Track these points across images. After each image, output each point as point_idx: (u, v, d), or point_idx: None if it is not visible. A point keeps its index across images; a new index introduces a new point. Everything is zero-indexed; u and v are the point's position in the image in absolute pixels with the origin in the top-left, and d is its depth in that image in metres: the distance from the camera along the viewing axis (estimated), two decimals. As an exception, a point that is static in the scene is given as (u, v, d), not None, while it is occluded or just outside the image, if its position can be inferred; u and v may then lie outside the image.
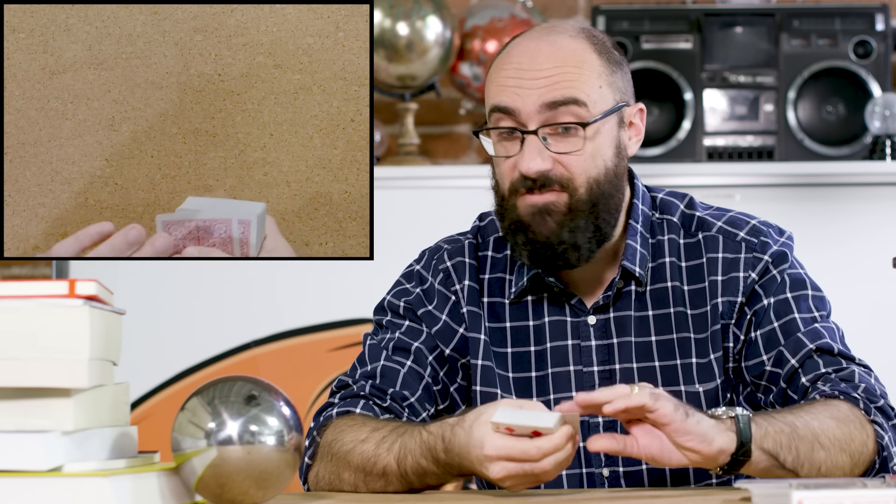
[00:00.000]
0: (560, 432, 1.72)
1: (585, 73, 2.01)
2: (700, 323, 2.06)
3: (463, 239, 2.17)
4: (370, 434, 1.94)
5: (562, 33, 2.04)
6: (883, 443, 1.90)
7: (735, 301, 2.05)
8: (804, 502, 1.48)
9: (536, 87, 2.00)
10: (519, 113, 2.00)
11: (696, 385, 2.04)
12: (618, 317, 2.08)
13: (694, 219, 2.11)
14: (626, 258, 2.06)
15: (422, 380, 2.08)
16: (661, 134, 3.53)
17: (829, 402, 1.90)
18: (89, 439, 1.61)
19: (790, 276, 2.07)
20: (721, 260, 2.07)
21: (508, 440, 1.74)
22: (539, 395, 2.08)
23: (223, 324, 3.39)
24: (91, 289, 1.60)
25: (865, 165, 3.42)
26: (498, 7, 3.68)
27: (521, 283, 2.10)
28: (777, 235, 2.10)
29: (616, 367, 2.06)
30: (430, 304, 2.12)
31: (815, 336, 2.02)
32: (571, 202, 2.00)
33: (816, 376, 1.98)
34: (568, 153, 1.99)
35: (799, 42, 3.54)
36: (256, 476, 1.61)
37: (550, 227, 2.00)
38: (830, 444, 1.84)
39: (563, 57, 2.01)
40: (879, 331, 3.33)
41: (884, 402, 1.94)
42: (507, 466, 1.74)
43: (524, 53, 2.02)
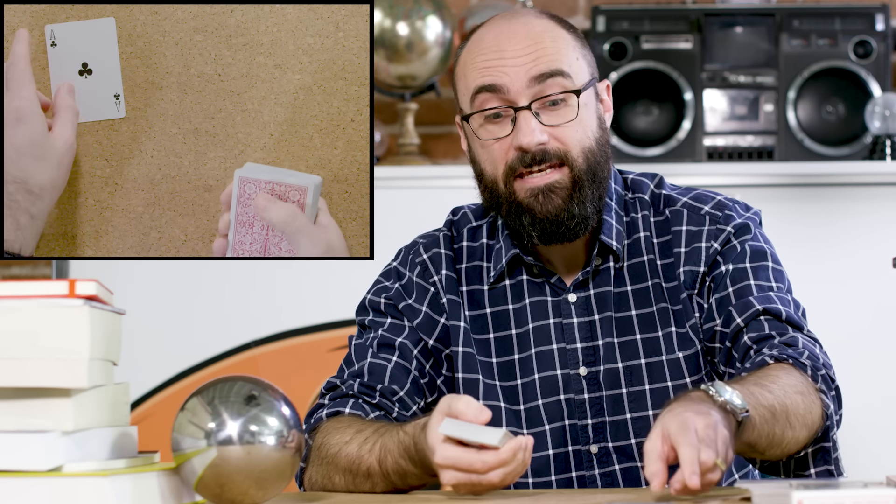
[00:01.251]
0: (506, 447, 1.74)
1: (563, 47, 2.04)
2: (674, 294, 2.08)
3: (437, 233, 2.19)
4: (354, 436, 1.95)
5: (526, 15, 2.07)
6: (828, 412, 1.90)
7: (697, 271, 2.06)
8: (804, 502, 1.48)
9: (521, 63, 2.01)
10: (507, 90, 2.01)
11: (676, 352, 2.06)
12: (598, 293, 2.09)
13: (661, 197, 2.13)
14: (603, 233, 2.07)
15: (409, 374, 2.09)
16: (661, 134, 3.53)
17: (789, 372, 1.89)
18: (89, 439, 1.61)
19: (751, 246, 2.07)
20: (685, 232, 2.09)
21: (456, 451, 1.76)
22: (523, 377, 2.09)
23: (223, 324, 3.39)
24: (91, 289, 1.60)
25: (865, 165, 3.41)
26: (498, 7, 3.68)
27: (500, 265, 2.11)
28: (742, 210, 2.12)
29: (599, 342, 2.07)
30: (409, 298, 2.13)
31: (765, 301, 2.02)
32: (574, 174, 2.02)
33: (760, 337, 1.98)
34: (561, 124, 2.01)
35: (799, 42, 3.54)
36: (256, 476, 1.61)
37: (557, 204, 2.02)
38: (796, 421, 1.84)
39: (538, 33, 2.04)
40: (879, 331, 3.33)
41: (825, 371, 1.93)
42: (456, 475, 1.76)
43: (499, 35, 2.04)
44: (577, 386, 2.07)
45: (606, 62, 3.50)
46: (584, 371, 2.07)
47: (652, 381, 2.04)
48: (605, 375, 2.06)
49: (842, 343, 3.09)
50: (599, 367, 2.06)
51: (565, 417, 2.07)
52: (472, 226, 2.17)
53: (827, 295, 3.30)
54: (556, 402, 2.07)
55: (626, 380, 2.05)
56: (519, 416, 2.08)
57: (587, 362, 2.07)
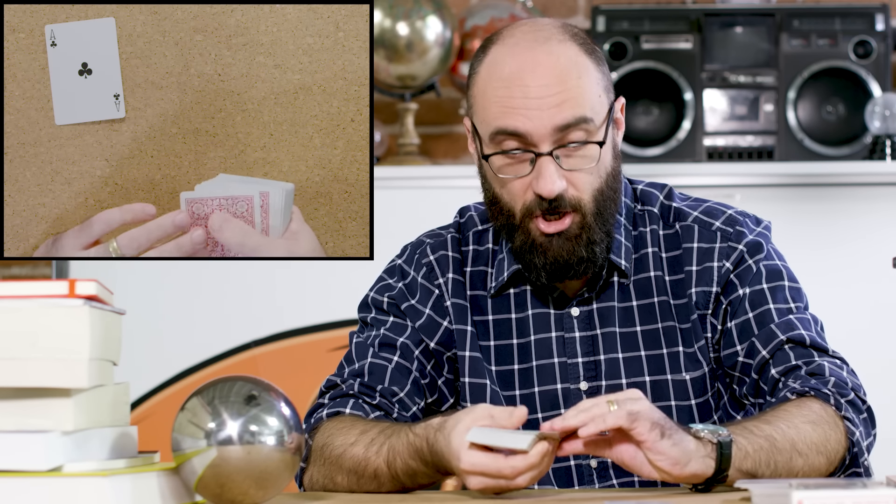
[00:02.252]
0: (535, 451, 1.74)
1: (586, 84, 2.00)
2: (683, 312, 2.06)
3: (445, 233, 2.17)
4: (359, 437, 1.94)
5: (550, 39, 2.00)
6: (854, 438, 1.90)
7: (710, 291, 2.05)
8: (804, 502, 1.48)
9: (546, 108, 1.97)
10: (530, 136, 1.97)
11: (682, 374, 2.05)
12: (601, 308, 2.08)
13: (671, 210, 2.11)
14: (612, 252, 2.06)
15: (410, 374, 2.09)
16: (661, 134, 3.53)
17: (802, 404, 1.89)
18: (89, 439, 1.61)
19: (766, 266, 2.06)
20: (696, 250, 2.08)
21: (484, 457, 1.76)
22: (522, 388, 2.09)
23: (223, 324, 3.39)
24: (91, 289, 1.60)
25: (865, 165, 3.42)
26: (498, 7, 3.68)
27: (501, 277, 2.10)
28: (753, 225, 2.10)
29: (601, 357, 2.07)
30: (413, 299, 2.13)
31: (787, 327, 2.01)
32: (584, 221, 2.00)
33: (786, 368, 1.98)
34: (581, 169, 1.99)
35: (799, 42, 3.54)
36: (256, 476, 1.61)
37: (568, 248, 2.01)
38: (807, 449, 1.85)
39: (563, 70, 1.98)
40: (879, 331, 3.33)
41: (854, 395, 1.93)
42: (484, 481, 1.77)
43: (523, 68, 1.98)
44: (578, 401, 2.05)
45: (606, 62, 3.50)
46: (584, 386, 2.06)
47: (656, 399, 2.03)
48: (608, 391, 2.04)
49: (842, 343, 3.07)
50: (601, 383, 2.06)
51: None
52: (478, 229, 2.16)
53: (827, 295, 3.30)
54: (557, 417, 2.07)
55: None
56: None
57: (588, 377, 2.06)
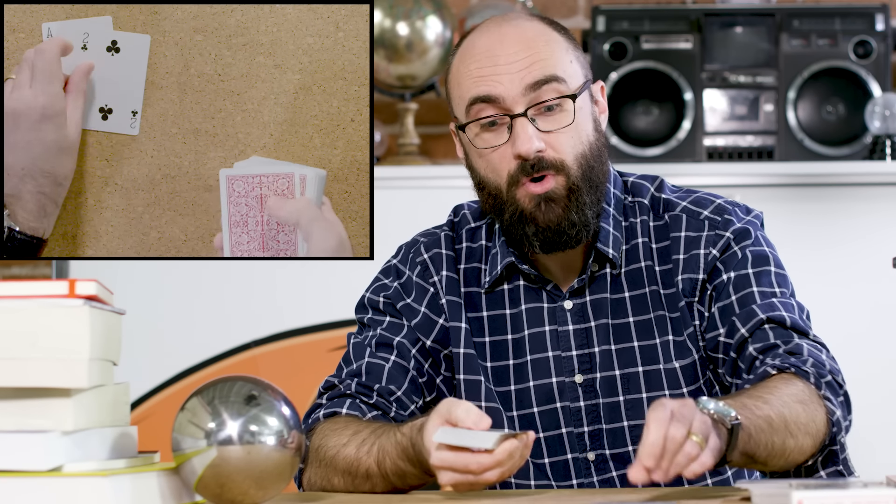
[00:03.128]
0: (500, 449, 1.75)
1: (556, 50, 2.03)
2: (672, 301, 2.06)
3: (439, 231, 2.18)
4: (351, 438, 1.95)
5: (517, 18, 2.06)
6: (833, 419, 1.89)
7: (696, 278, 2.05)
8: (804, 502, 1.48)
9: (515, 71, 2.00)
10: (503, 99, 2.00)
11: (673, 362, 2.05)
12: (594, 300, 2.08)
13: (661, 201, 2.11)
14: (599, 241, 2.06)
15: (407, 373, 2.09)
16: (661, 134, 3.53)
17: (790, 382, 1.88)
18: (89, 439, 1.61)
19: (753, 252, 2.06)
20: (684, 238, 2.08)
21: (451, 454, 1.77)
22: (517, 383, 2.09)
23: (223, 324, 3.39)
24: (91, 289, 1.60)
25: (865, 165, 3.41)
26: (498, 7, 3.68)
27: (494, 272, 2.10)
28: (743, 214, 2.10)
29: (595, 350, 2.07)
30: (408, 298, 2.13)
31: (769, 308, 2.00)
32: (569, 183, 2.01)
33: (765, 346, 1.97)
34: (557, 130, 2.00)
35: (799, 42, 3.54)
36: (256, 476, 1.61)
37: (557, 213, 2.01)
38: (797, 430, 1.84)
39: (531, 37, 2.03)
40: (879, 331, 3.33)
41: (831, 377, 1.92)
42: (453, 476, 1.78)
43: (491, 41, 2.03)
44: (573, 394, 2.06)
45: (606, 62, 3.50)
46: (579, 378, 2.07)
47: (649, 389, 2.04)
48: (602, 383, 2.05)
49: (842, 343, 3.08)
50: (595, 375, 2.06)
51: (562, 425, 2.06)
52: (471, 227, 2.16)
53: (827, 295, 3.30)
54: (553, 410, 2.07)
55: (623, 387, 2.05)
56: (512, 421, 2.08)
57: (583, 370, 2.07)
